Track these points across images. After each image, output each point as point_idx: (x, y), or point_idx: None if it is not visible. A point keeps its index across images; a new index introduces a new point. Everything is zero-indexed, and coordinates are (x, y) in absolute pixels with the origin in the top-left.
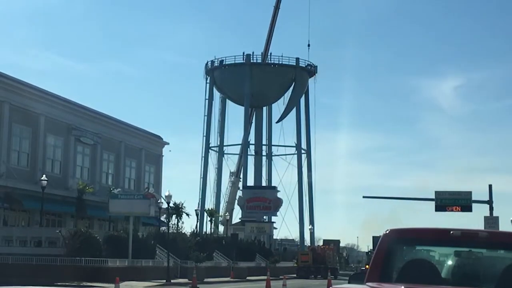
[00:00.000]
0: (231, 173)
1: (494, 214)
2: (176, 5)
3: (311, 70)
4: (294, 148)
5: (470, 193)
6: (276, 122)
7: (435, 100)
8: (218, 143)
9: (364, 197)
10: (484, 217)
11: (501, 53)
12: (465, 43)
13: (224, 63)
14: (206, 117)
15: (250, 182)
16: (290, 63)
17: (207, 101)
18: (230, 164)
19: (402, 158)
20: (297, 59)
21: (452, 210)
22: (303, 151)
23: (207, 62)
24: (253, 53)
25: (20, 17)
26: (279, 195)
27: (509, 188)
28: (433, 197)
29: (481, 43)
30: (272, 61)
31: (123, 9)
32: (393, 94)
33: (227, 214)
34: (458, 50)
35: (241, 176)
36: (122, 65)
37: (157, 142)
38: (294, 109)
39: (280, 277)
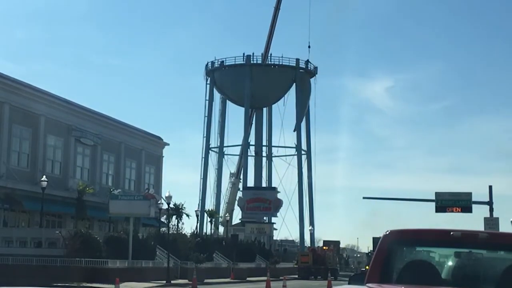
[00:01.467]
0: (231, 174)
1: (494, 215)
2: (176, 5)
3: (311, 71)
4: (294, 149)
5: (470, 194)
6: (294, 131)
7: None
8: (218, 144)
9: (364, 198)
10: (484, 218)
11: (433, 53)
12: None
13: (224, 64)
14: (206, 118)
15: (250, 183)
16: (290, 64)
17: (207, 102)
18: (230, 165)
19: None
20: (297, 60)
21: (452, 211)
22: (303, 152)
23: (207, 63)
24: (253, 54)
25: (20, 17)
26: (279, 196)
27: (509, 189)
28: (433, 198)
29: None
30: (272, 62)
31: (124, 9)
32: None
33: (227, 215)
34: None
35: (241, 177)
36: (122, 66)
37: (157, 143)
38: (294, 110)
39: (280, 278)
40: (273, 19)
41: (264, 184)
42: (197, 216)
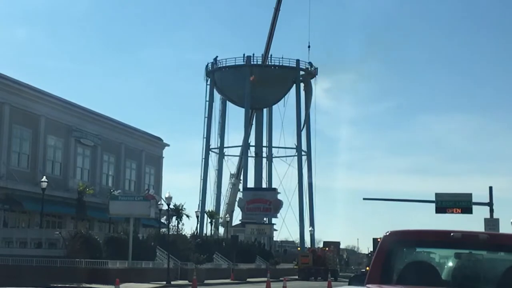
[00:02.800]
0: (231, 175)
1: (495, 216)
2: (176, 6)
3: (311, 72)
4: (295, 150)
5: (470, 195)
6: (301, 130)
7: None
8: (219, 145)
9: (364, 199)
10: (485, 219)
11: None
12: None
13: (224, 64)
14: (206, 118)
15: (251, 183)
16: (290, 65)
17: (207, 102)
18: (230, 165)
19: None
20: (298, 61)
21: (452, 212)
22: (303, 153)
23: (207, 64)
24: (253, 54)
25: (20, 17)
26: (279, 196)
27: (509, 190)
28: (434, 199)
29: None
30: (273, 63)
31: (124, 10)
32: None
33: (227, 216)
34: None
35: (241, 177)
36: (122, 66)
37: (157, 144)
38: (294, 110)
39: (281, 279)
40: (273, 20)
41: (264, 185)
42: (197, 217)
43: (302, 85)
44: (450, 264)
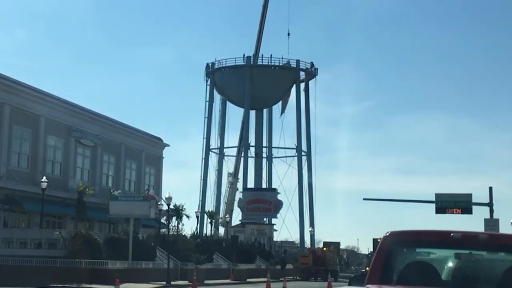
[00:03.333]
0: (229, 174)
1: (495, 217)
2: (176, 7)
3: (311, 72)
4: (295, 150)
5: (470, 195)
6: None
7: None
8: (218, 145)
9: (364, 199)
10: (485, 219)
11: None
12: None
13: (224, 65)
14: (206, 119)
15: (251, 184)
16: (290, 65)
17: (207, 103)
18: (230, 166)
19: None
20: (298, 61)
21: (452, 213)
22: (303, 153)
23: (207, 64)
24: (253, 55)
25: (20, 17)
26: (279, 197)
27: (509, 191)
28: (433, 199)
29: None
30: (273, 63)
31: (124, 11)
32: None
33: (227, 216)
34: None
35: (239, 176)
36: (122, 66)
37: (157, 144)
38: (295, 111)
39: (281, 279)
40: (262, 18)
41: (264, 185)
42: (197, 217)
43: (302, 85)
44: (450, 264)
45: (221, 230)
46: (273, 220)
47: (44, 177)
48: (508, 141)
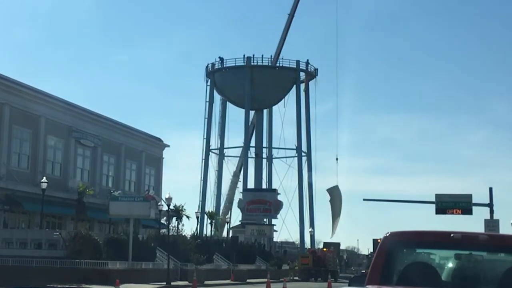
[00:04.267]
0: (235, 173)
1: (495, 217)
2: (176, 7)
3: (312, 73)
4: (295, 151)
5: (470, 196)
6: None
7: None
8: (219, 146)
9: (364, 199)
10: (485, 220)
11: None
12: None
13: (224, 65)
14: (206, 119)
15: (251, 184)
16: (290, 66)
17: (207, 103)
18: (230, 166)
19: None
20: (298, 62)
21: (452, 213)
22: (303, 154)
23: (207, 65)
24: (253, 55)
25: (20, 17)
26: (279, 197)
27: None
28: (434, 200)
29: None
30: (270, 63)
31: (124, 11)
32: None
33: (227, 217)
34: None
35: (241, 177)
36: (122, 67)
37: (158, 145)
38: (295, 112)
39: (280, 279)
40: (287, 26)
41: (264, 186)
42: (197, 217)
43: (302, 85)
44: (450, 265)
45: (223, 231)
46: (273, 221)
47: (44, 178)
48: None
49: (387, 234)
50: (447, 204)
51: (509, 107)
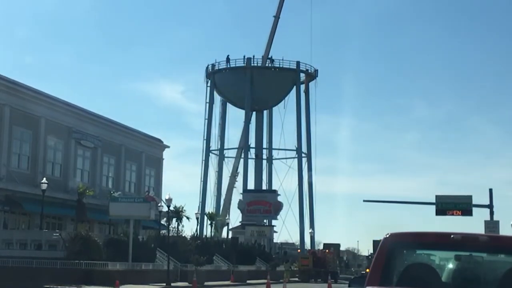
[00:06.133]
0: (237, 173)
1: (495, 219)
2: (176, 7)
3: (311, 74)
4: (295, 152)
5: (470, 197)
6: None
7: None
8: (219, 147)
9: (364, 201)
10: (485, 221)
11: None
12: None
13: (225, 66)
14: (206, 120)
15: (251, 185)
16: (290, 67)
17: (207, 104)
18: (230, 167)
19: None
20: (298, 63)
21: (452, 214)
22: (303, 155)
23: (207, 65)
24: (253, 56)
25: (20, 17)
26: (279, 198)
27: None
28: (434, 201)
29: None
30: (273, 65)
31: (124, 11)
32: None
33: (227, 218)
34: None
35: (239, 178)
36: (122, 67)
37: (158, 145)
38: (295, 112)
39: (281, 280)
40: (273, 29)
41: (264, 187)
42: (197, 218)
43: (302, 86)
44: (450, 266)
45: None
46: (273, 222)
47: (44, 178)
48: None
49: (387, 235)
50: (447, 205)
51: None
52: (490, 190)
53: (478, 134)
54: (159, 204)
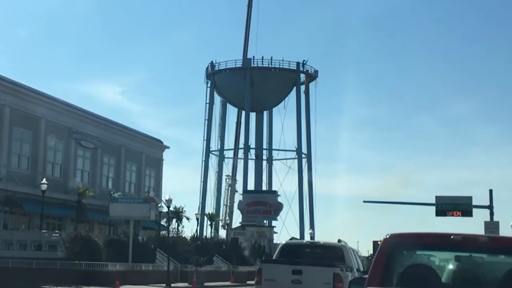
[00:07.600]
0: (227, 176)
1: (495, 219)
2: (176, 8)
3: (312, 74)
4: (295, 152)
5: (470, 198)
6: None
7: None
8: (219, 147)
9: (364, 201)
10: (485, 222)
11: None
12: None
13: (224, 67)
14: (206, 121)
15: (251, 186)
16: (290, 67)
17: (207, 105)
18: (230, 168)
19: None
20: (298, 63)
21: (452, 215)
22: (303, 156)
23: (207, 66)
24: (253, 57)
25: (21, 18)
26: (279, 199)
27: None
28: (434, 202)
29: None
30: (273, 65)
31: (124, 11)
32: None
33: (227, 218)
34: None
35: (239, 178)
36: (122, 67)
37: (158, 146)
38: (295, 113)
39: None
40: (247, 18)
41: (264, 188)
42: (197, 219)
43: (302, 87)
44: (450, 267)
45: (221, 232)
46: (273, 223)
47: (44, 179)
48: None
49: (387, 236)
50: (447, 206)
51: None
52: (490, 191)
53: (475, 133)
54: (159, 205)
